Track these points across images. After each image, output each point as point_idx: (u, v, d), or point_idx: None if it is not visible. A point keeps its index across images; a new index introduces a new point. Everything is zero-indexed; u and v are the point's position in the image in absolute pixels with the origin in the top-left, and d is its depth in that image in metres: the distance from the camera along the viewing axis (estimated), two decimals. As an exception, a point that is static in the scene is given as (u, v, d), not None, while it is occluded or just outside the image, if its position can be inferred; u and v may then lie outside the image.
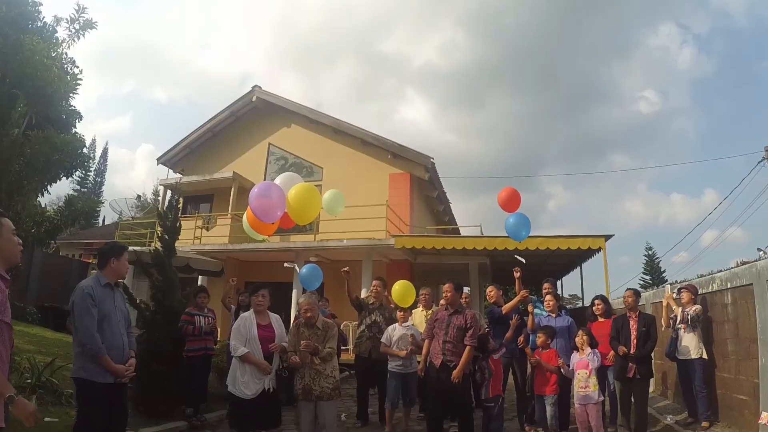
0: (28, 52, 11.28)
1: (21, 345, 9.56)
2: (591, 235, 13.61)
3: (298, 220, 6.87)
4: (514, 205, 8.08)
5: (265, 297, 5.51)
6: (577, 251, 13.86)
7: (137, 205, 27.85)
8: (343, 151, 19.22)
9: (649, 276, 47.68)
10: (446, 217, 21.99)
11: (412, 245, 14.87)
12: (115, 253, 4.36)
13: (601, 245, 13.48)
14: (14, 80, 11.43)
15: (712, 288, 7.09)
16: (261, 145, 20.69)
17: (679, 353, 6.95)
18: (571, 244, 13.49)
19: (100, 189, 54.33)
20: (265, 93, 20.83)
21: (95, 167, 53.80)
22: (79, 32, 13.12)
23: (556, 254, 14.22)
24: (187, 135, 21.43)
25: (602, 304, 7.67)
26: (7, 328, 2.59)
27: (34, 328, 13.31)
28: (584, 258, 15.78)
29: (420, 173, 17.85)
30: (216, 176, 19.27)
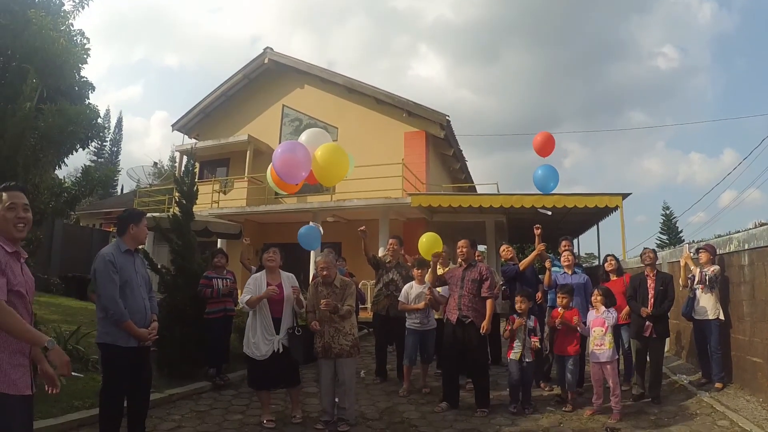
0: (35, 26, 11.29)
1: (46, 315, 9.81)
2: (608, 194, 13.50)
3: (325, 182, 6.81)
4: (549, 149, 8.21)
5: (276, 254, 5.59)
6: (594, 209, 13.78)
7: (154, 172, 28.11)
8: (358, 111, 19.13)
9: (666, 236, 47.23)
10: (462, 175, 21.90)
11: (428, 204, 14.88)
12: (134, 220, 4.43)
13: (618, 203, 13.39)
14: (23, 55, 11.45)
15: (729, 249, 7.02)
16: (275, 107, 20.67)
17: (696, 313, 6.93)
18: (588, 202, 13.41)
19: (116, 158, 54.75)
20: (277, 54, 20.69)
21: (111, 137, 54.15)
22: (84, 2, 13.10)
23: (573, 212, 14.17)
24: (201, 100, 21.46)
25: (614, 261, 7.68)
26: (18, 297, 2.63)
27: (59, 299, 13.62)
28: (601, 216, 15.71)
29: (435, 131, 17.72)
30: (231, 140, 19.34)
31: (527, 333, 6.08)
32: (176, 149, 20.97)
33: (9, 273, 2.58)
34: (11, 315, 2.46)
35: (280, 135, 20.03)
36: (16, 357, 2.55)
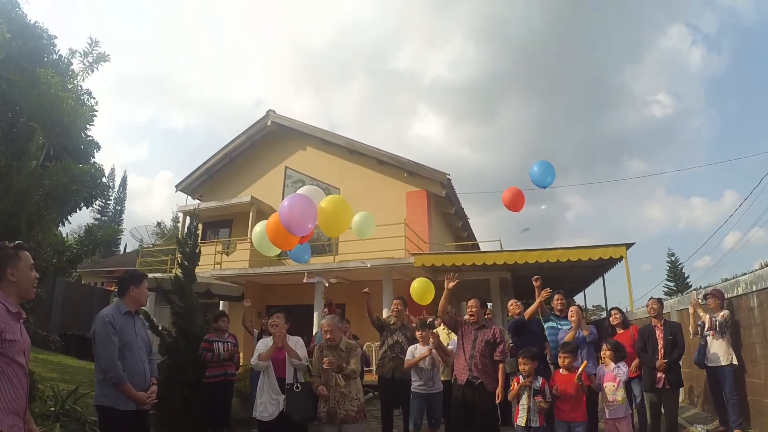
0: (44, 85, 11.52)
1: (44, 373, 9.62)
2: (612, 245, 13.44)
3: (329, 232, 6.69)
4: (519, 205, 8.29)
5: (280, 319, 5.57)
6: (598, 261, 13.70)
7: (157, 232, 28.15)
8: (359, 171, 19.29)
9: (673, 282, 46.88)
10: (465, 232, 21.89)
11: (431, 263, 14.79)
12: (135, 282, 4.39)
13: (622, 254, 13.31)
14: (31, 113, 11.65)
15: (738, 292, 6.95)
16: (278, 168, 20.86)
17: (709, 360, 6.80)
18: (592, 255, 13.34)
19: (120, 217, 55.00)
20: (280, 117, 21.03)
21: (115, 196, 54.57)
22: (93, 65, 13.40)
23: (578, 265, 14.07)
24: (205, 161, 21.67)
25: (619, 314, 7.65)
26: (20, 368, 2.58)
27: (57, 356, 13.41)
28: (606, 268, 15.59)
29: (437, 190, 17.81)
30: (234, 201, 19.41)
31: (533, 394, 5.82)
32: (179, 210, 21.08)
33: (8, 334, 2.53)
34: None
35: (282, 196, 20.08)
36: (11, 417, 2.47)
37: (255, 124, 21.33)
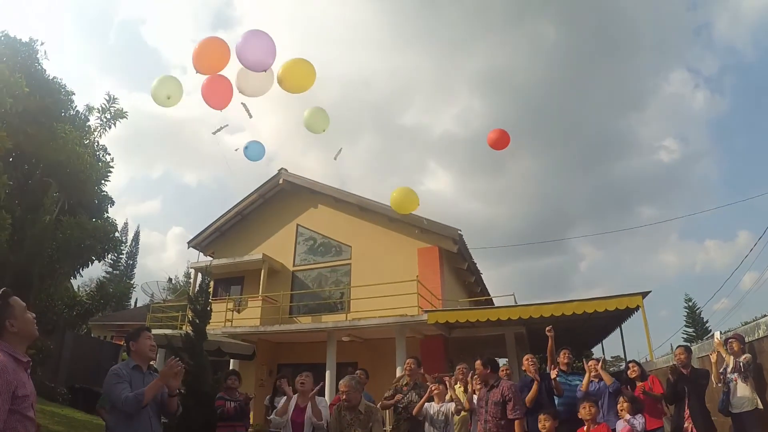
0: (61, 140, 11.77)
1: (51, 426, 9.47)
2: (627, 294, 13.21)
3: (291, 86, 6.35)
4: (504, 144, 8.57)
5: (309, 378, 5.53)
6: (615, 312, 13.46)
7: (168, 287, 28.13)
8: (371, 229, 19.31)
9: (692, 328, 45.99)
10: (478, 288, 21.70)
11: (445, 320, 14.59)
12: (132, 337, 4.37)
13: (639, 303, 13.08)
14: (48, 167, 11.89)
15: (758, 335, 6.76)
16: (289, 226, 20.93)
17: (733, 407, 6.55)
18: (608, 306, 13.11)
19: (132, 271, 55.02)
20: (291, 175, 21.27)
21: (127, 250, 54.73)
22: (110, 122, 13.72)
23: (594, 317, 13.84)
24: (217, 219, 21.83)
25: (637, 367, 7.56)
26: (30, 423, 2.52)
27: (65, 409, 13.23)
28: (623, 318, 15.30)
29: (448, 246, 17.75)
30: (246, 258, 19.41)
31: None
32: (191, 266, 21.10)
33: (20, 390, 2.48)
34: None
35: (294, 254, 20.21)
36: None
37: (267, 182, 21.56)
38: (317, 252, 20.08)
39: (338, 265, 19.45)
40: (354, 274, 18.82)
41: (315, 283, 19.50)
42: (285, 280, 19.73)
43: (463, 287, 21.14)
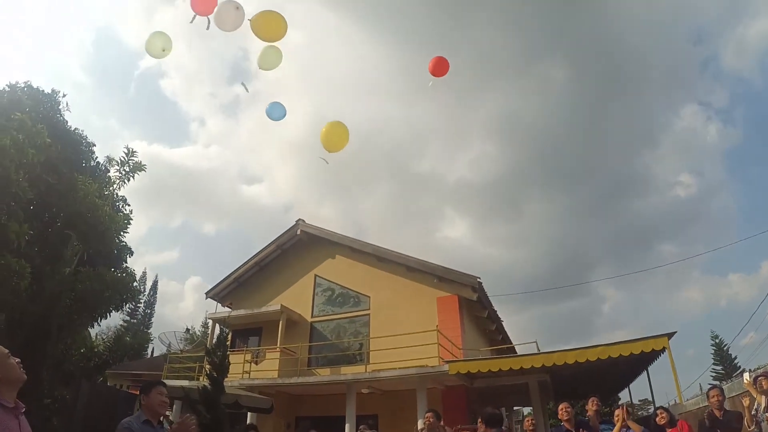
0: (81, 192, 11.91)
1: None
2: (653, 336, 12.83)
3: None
4: (443, 70, 8.60)
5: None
6: (640, 355, 13.09)
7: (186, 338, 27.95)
8: (389, 279, 19.19)
9: (720, 366, 44.61)
10: (499, 335, 21.31)
11: (467, 370, 14.26)
12: (144, 391, 4.31)
13: (664, 345, 12.70)
14: (68, 218, 11.98)
15: None
16: (307, 276, 20.87)
17: None
18: (633, 349, 12.74)
19: (149, 320, 54.66)
20: (309, 226, 21.34)
21: (145, 299, 54.54)
22: (129, 174, 13.90)
23: (620, 361, 13.48)
24: (235, 270, 21.83)
25: (666, 413, 7.31)
26: None
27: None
28: (649, 361, 14.85)
29: (468, 294, 17.53)
30: (264, 309, 19.30)
31: None
32: (209, 316, 21.02)
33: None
34: None
35: (312, 305, 20.09)
36: None
37: (285, 233, 21.63)
38: (336, 303, 19.92)
39: (357, 316, 19.26)
40: (373, 324, 18.61)
41: (334, 334, 19.29)
42: (303, 331, 19.55)
43: (484, 335, 20.78)
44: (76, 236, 11.98)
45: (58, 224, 11.96)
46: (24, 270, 10.41)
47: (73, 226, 12.05)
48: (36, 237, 11.24)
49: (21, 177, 10.71)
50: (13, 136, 10.56)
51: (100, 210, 12.31)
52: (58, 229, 12.45)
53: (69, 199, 11.90)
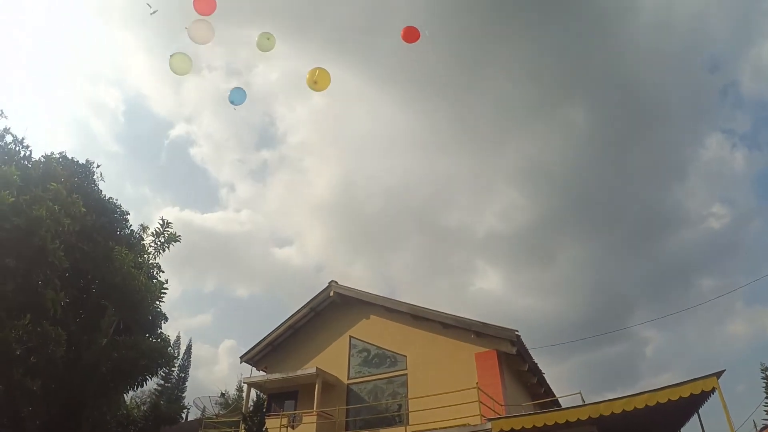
0: (117, 262, 12.09)
1: None
2: (701, 377, 12.30)
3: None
4: (414, 37, 9.32)
5: None
6: (689, 398, 12.52)
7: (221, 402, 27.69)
8: (425, 337, 18.91)
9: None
10: (541, 388, 20.58)
11: (510, 427, 13.74)
12: None
13: (714, 385, 12.13)
14: (104, 287, 12.12)
15: None
16: (342, 338, 20.69)
17: None
18: (682, 392, 12.19)
19: (183, 384, 54.04)
20: (342, 287, 21.28)
21: (179, 363, 54.27)
22: (164, 245, 14.12)
23: (668, 406, 12.90)
24: (269, 333, 21.72)
25: None
26: None
27: None
28: (699, 403, 14.16)
29: (506, 348, 17.08)
30: (300, 373, 19.05)
31: None
32: (244, 381, 20.86)
33: None
34: None
35: (348, 366, 19.80)
36: None
37: (318, 295, 21.57)
38: (372, 363, 19.60)
39: (394, 376, 18.88)
40: (411, 384, 18.20)
41: (371, 395, 18.88)
42: (340, 393, 19.19)
43: (526, 389, 20.12)
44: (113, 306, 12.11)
45: (93, 290, 12.12)
46: (60, 338, 10.49)
47: (109, 296, 12.22)
48: (71, 303, 11.36)
49: (57, 246, 10.93)
50: (49, 206, 10.86)
51: (136, 280, 12.48)
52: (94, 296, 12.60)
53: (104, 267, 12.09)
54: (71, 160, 12.49)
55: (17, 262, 10.29)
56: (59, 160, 12.25)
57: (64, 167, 12.23)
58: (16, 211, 10.41)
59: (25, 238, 10.52)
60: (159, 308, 13.63)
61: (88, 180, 12.94)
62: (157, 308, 13.48)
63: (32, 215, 10.53)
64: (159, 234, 14.16)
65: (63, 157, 12.36)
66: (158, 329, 13.07)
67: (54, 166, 11.69)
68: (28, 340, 10.08)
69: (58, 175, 11.57)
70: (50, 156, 11.86)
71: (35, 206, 10.61)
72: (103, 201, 13.21)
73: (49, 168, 11.51)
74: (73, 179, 12.11)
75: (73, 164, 12.51)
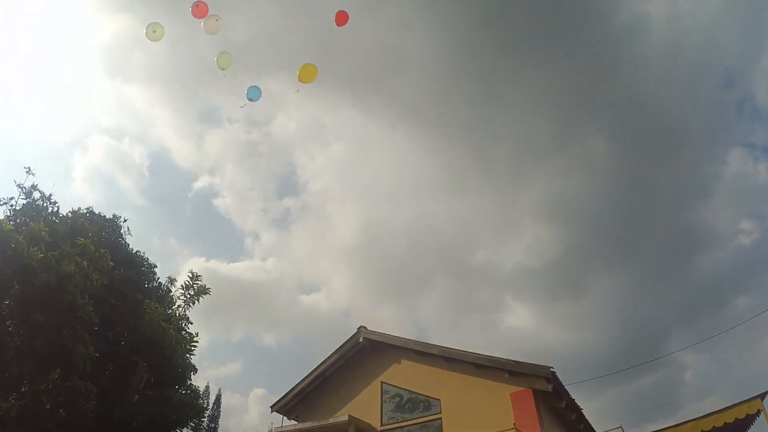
0: (147, 316, 12.15)
1: None
2: (744, 401, 11.87)
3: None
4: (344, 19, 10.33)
5: None
6: (734, 423, 12.05)
7: (253, 452, 27.27)
8: (458, 379, 18.51)
9: None
10: (581, 424, 19.87)
11: (552, 466, 13.35)
12: None
13: (759, 408, 11.66)
14: (134, 341, 12.16)
15: None
16: (374, 384, 20.34)
17: None
18: (726, 418, 11.74)
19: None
20: (371, 333, 21.02)
21: (209, 413, 53.76)
22: (194, 297, 14.18)
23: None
24: (299, 382, 21.42)
25: None
26: None
27: None
28: (745, 427, 13.63)
29: (542, 386, 16.62)
30: (331, 421, 18.70)
31: None
32: (276, 430, 20.52)
33: None
34: None
35: (381, 413, 19.40)
36: None
37: (347, 342, 21.31)
38: (405, 409, 19.21)
39: (429, 421, 18.44)
40: (446, 428, 17.75)
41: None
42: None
43: (564, 426, 19.46)
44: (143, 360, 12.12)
45: (122, 343, 12.18)
46: (90, 392, 10.49)
47: (139, 351, 12.24)
48: (101, 357, 11.40)
49: (86, 301, 11.03)
50: (78, 261, 11.01)
51: (166, 334, 12.51)
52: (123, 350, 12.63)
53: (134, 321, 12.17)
54: (98, 215, 12.74)
55: (47, 317, 10.39)
56: (86, 215, 12.48)
57: (92, 222, 12.45)
58: (45, 267, 10.56)
59: (55, 293, 10.64)
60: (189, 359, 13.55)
61: (115, 234, 13.17)
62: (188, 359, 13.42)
63: (61, 271, 10.66)
64: (188, 287, 14.24)
65: (90, 212, 12.61)
66: (188, 381, 13.00)
67: (81, 221, 11.91)
68: (58, 395, 10.09)
69: (86, 230, 11.77)
70: (77, 211, 12.12)
71: (64, 262, 10.76)
72: (131, 254, 13.40)
73: (76, 223, 11.72)
74: (100, 234, 12.31)
75: (100, 219, 12.75)
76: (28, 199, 11.93)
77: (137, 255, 13.53)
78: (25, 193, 11.97)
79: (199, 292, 13.89)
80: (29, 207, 11.77)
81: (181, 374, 12.50)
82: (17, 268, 10.31)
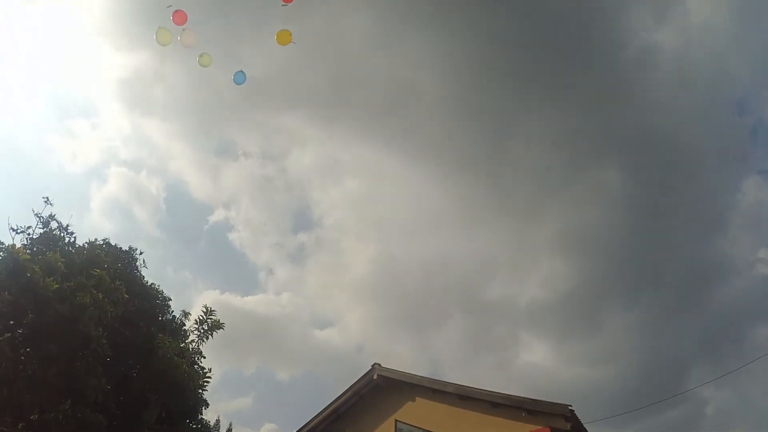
0: (161, 350, 12.10)
1: None
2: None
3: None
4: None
5: None
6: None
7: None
8: (474, 417, 18.12)
9: None
10: (603, 464, 19.48)
11: (571, 508, 12.95)
12: None
13: None
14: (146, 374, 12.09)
15: None
16: (387, 422, 20.03)
17: None
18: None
19: (226, 471, 52.78)
20: (385, 370, 20.74)
21: None
22: (208, 333, 14.12)
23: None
24: (312, 418, 21.17)
25: None
26: None
27: None
28: None
29: (560, 424, 16.21)
30: (344, 459, 18.46)
31: None
32: (288, 469, 20.25)
33: None
34: None
35: (395, 453, 19.08)
36: None
37: (360, 379, 21.05)
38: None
39: (443, 461, 18.10)
40: (462, 468, 17.39)
41: (421, 481, 18.08)
42: (388, 481, 18.42)
43: (586, 466, 19.04)
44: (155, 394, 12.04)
45: (134, 375, 12.11)
46: (100, 425, 10.39)
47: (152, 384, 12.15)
48: (113, 389, 11.33)
49: (101, 334, 11.01)
50: (93, 293, 11.02)
51: (179, 369, 12.44)
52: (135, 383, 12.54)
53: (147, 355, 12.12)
54: (114, 247, 12.82)
55: (60, 348, 10.37)
56: (102, 246, 12.55)
57: (108, 253, 12.51)
58: (60, 298, 10.58)
59: (69, 325, 10.63)
60: (201, 395, 13.44)
61: (130, 266, 13.22)
62: (200, 395, 13.31)
63: (76, 302, 10.67)
64: (202, 321, 14.20)
65: (106, 243, 12.70)
66: (199, 415, 12.86)
67: (98, 252, 11.98)
68: (68, 425, 10.01)
69: (102, 261, 11.82)
70: (94, 242, 12.22)
71: (79, 293, 10.78)
72: (146, 287, 13.42)
73: (92, 254, 11.79)
74: (116, 265, 12.36)
75: (116, 250, 12.83)
76: (45, 228, 12.05)
77: (152, 287, 13.56)
78: (42, 223, 12.10)
79: (213, 327, 13.82)
80: (46, 236, 11.88)
81: (193, 408, 12.37)
82: (32, 298, 10.35)
